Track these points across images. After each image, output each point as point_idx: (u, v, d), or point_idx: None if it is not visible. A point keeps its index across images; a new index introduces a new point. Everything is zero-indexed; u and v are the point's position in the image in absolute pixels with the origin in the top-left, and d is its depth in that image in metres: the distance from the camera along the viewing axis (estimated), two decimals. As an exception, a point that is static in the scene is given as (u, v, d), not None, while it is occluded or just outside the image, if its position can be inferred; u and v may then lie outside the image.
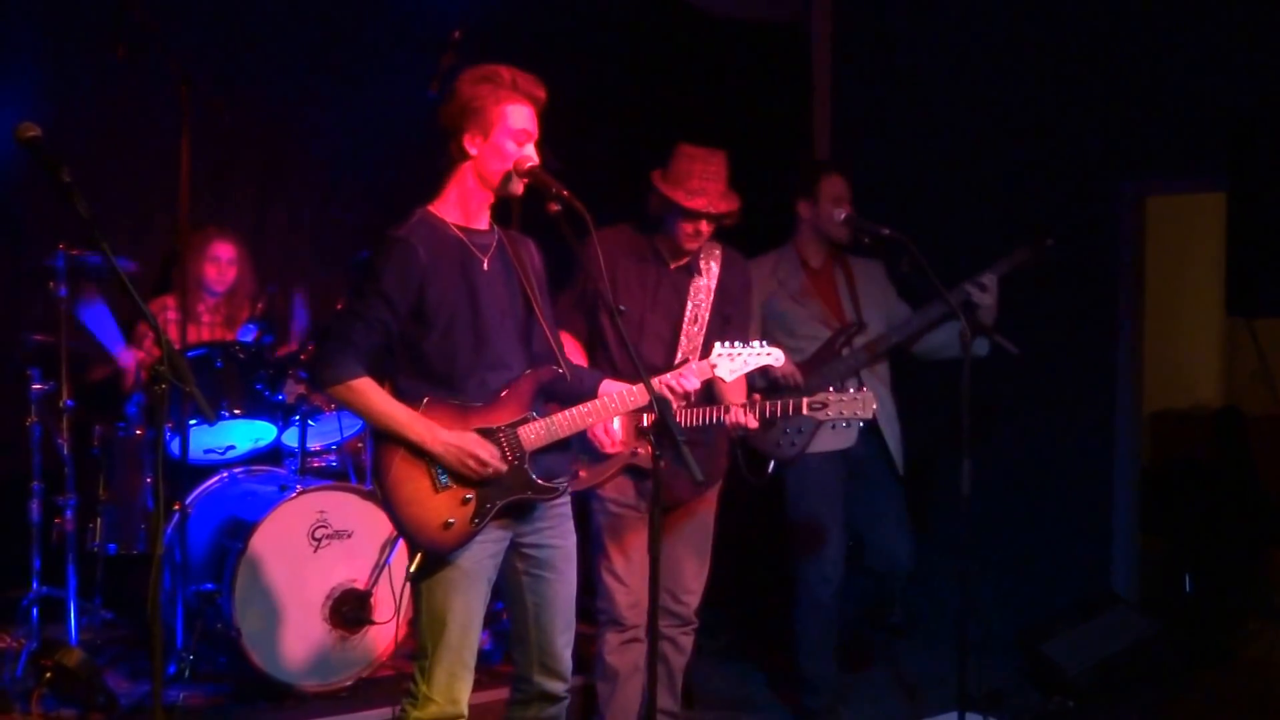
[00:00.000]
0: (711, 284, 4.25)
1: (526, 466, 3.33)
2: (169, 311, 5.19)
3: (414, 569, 3.29)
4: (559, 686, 3.48)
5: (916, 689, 5.25)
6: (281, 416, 5.00)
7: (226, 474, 4.97)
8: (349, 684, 4.66)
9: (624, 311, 4.08)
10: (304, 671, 4.60)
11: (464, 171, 3.34)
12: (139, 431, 4.89)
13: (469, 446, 3.25)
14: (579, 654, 3.65)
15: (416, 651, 3.35)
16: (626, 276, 4.21)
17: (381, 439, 3.28)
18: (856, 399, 3.94)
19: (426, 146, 3.50)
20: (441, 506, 3.24)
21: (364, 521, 4.72)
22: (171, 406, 4.48)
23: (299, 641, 4.59)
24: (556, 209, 3.25)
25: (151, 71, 4.79)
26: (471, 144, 3.30)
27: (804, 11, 6.86)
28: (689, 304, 4.23)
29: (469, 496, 3.26)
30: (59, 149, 2.78)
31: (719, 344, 3.71)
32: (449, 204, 3.36)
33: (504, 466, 3.30)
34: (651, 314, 4.21)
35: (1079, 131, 5.95)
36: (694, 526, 4.33)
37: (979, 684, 4.85)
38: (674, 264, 4.24)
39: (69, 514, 4.64)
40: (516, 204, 3.68)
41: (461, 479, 3.26)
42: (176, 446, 4.63)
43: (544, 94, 3.34)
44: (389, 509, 3.30)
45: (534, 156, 3.32)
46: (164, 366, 2.76)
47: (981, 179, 6.19)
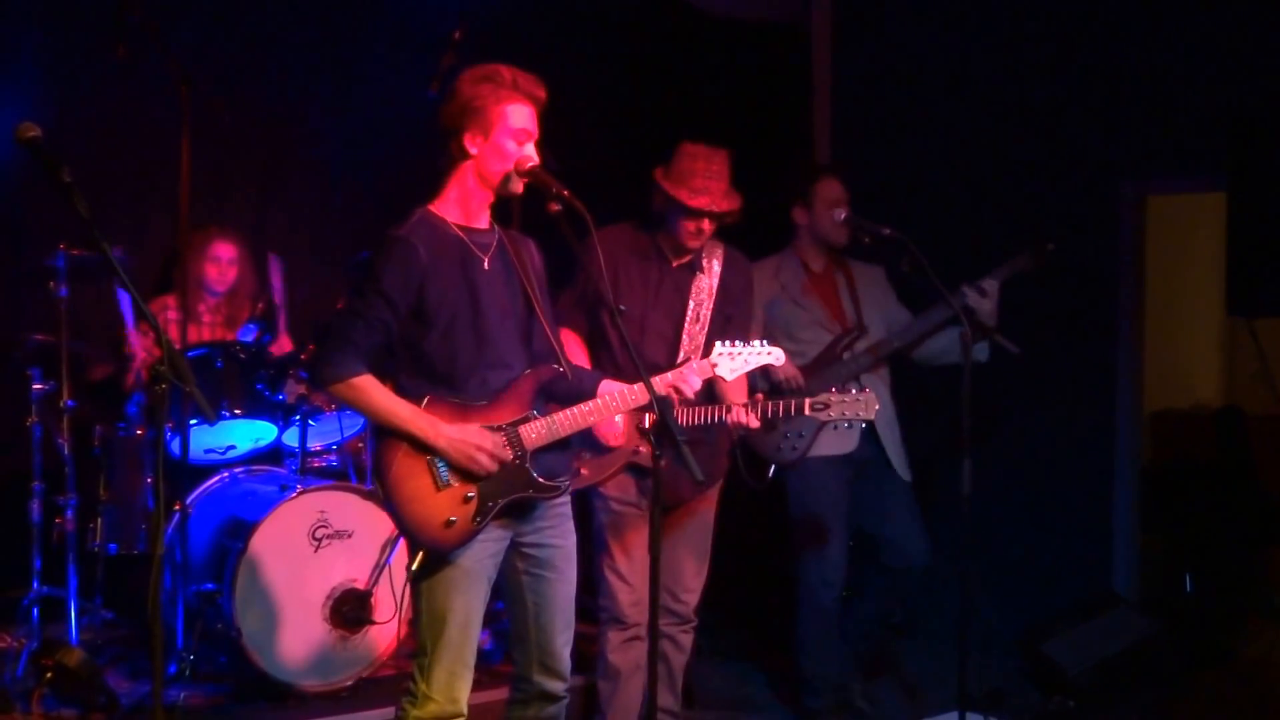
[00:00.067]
0: (713, 283, 4.25)
1: (528, 465, 3.33)
2: (170, 311, 5.19)
3: (415, 568, 3.29)
4: (558, 686, 3.48)
5: (917, 689, 5.25)
6: (282, 416, 5.00)
7: (227, 474, 4.97)
8: (349, 684, 4.66)
9: (624, 311, 4.08)
10: (304, 671, 4.60)
11: (464, 171, 3.34)
12: (139, 431, 4.89)
13: (473, 439, 3.25)
14: (579, 653, 3.66)
15: (416, 650, 3.35)
16: (628, 275, 4.21)
17: (383, 437, 3.28)
18: (859, 400, 3.94)
19: (427, 146, 3.50)
20: (443, 505, 3.24)
21: (364, 521, 4.72)
22: (172, 406, 4.48)
23: (299, 641, 4.59)
24: (557, 208, 3.25)
25: (152, 72, 4.79)
26: (472, 143, 3.30)
27: (804, 11, 6.86)
28: (691, 302, 4.23)
29: (471, 495, 3.26)
30: (59, 149, 2.78)
31: (719, 343, 3.71)
32: (449, 203, 3.37)
33: (509, 455, 3.30)
34: (654, 312, 4.21)
35: (1079, 131, 5.95)
36: (694, 526, 4.33)
37: (979, 684, 4.86)
38: (676, 262, 4.24)
39: (69, 514, 4.65)
40: (517, 204, 3.68)
41: (464, 476, 3.27)
42: (177, 446, 4.62)
43: (544, 94, 3.35)
44: (390, 507, 3.30)
45: (534, 156, 3.32)
46: (164, 366, 2.76)
47: (981, 179, 6.19)
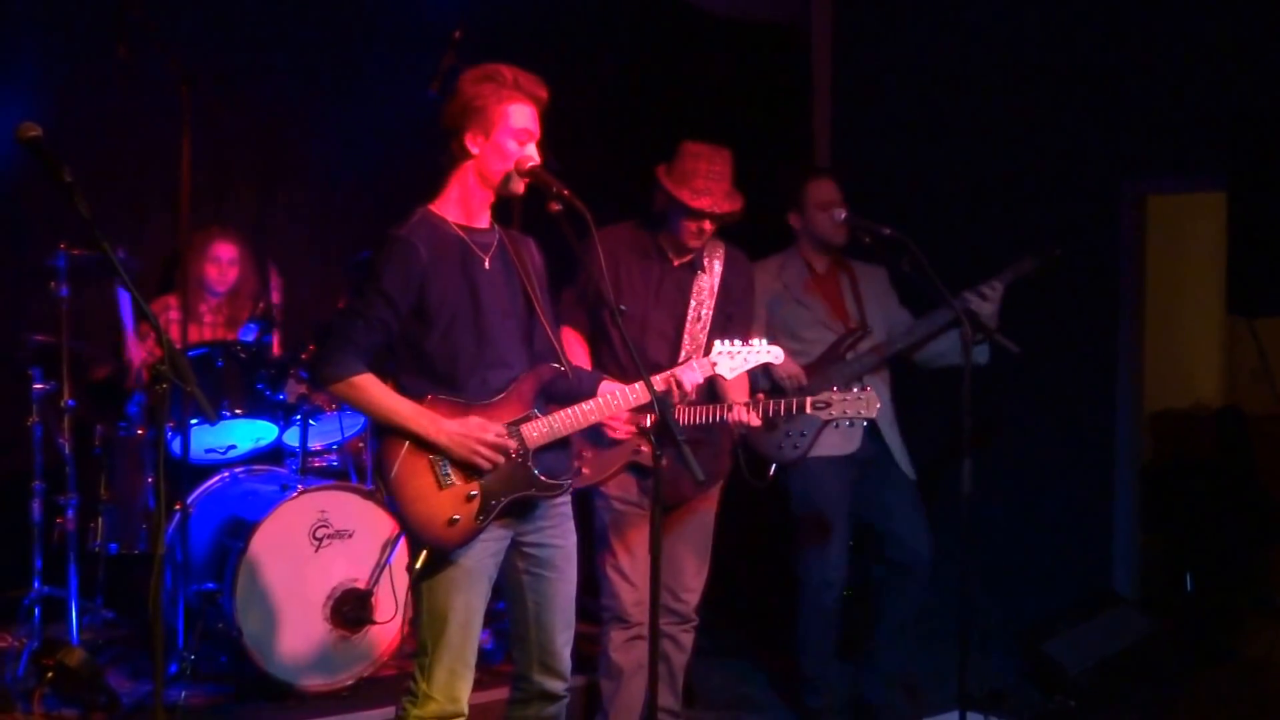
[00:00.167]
0: (714, 282, 4.25)
1: (530, 464, 3.34)
2: (171, 311, 5.20)
3: (416, 567, 3.29)
4: (559, 685, 3.48)
5: (917, 688, 5.25)
6: (283, 416, 5.01)
7: (228, 473, 4.97)
8: (350, 683, 4.66)
9: (624, 311, 4.08)
10: (305, 671, 4.60)
11: (465, 170, 3.34)
12: (140, 431, 4.89)
13: (474, 432, 3.25)
14: (580, 652, 3.66)
15: (417, 650, 3.35)
16: (630, 274, 4.21)
17: (385, 437, 3.28)
18: (860, 398, 3.93)
19: (427, 146, 3.51)
20: (446, 503, 3.24)
21: (365, 521, 4.72)
22: (173, 406, 4.48)
23: (300, 641, 4.59)
24: (557, 208, 3.25)
25: (152, 71, 4.79)
26: (473, 143, 3.30)
27: (804, 11, 6.86)
28: (692, 302, 4.23)
29: (473, 493, 3.26)
30: (60, 149, 2.78)
31: (718, 342, 3.71)
32: (450, 203, 3.37)
33: (512, 445, 3.30)
34: (655, 312, 4.21)
35: (1079, 131, 5.95)
36: (695, 525, 4.33)
37: (980, 683, 4.86)
38: (677, 261, 4.24)
39: (70, 513, 4.65)
40: (517, 203, 3.68)
41: (466, 474, 3.27)
42: (178, 446, 4.62)
43: (546, 94, 3.35)
44: (393, 507, 3.30)
45: (535, 156, 3.32)
46: (165, 366, 2.76)
47: (982, 179, 6.19)
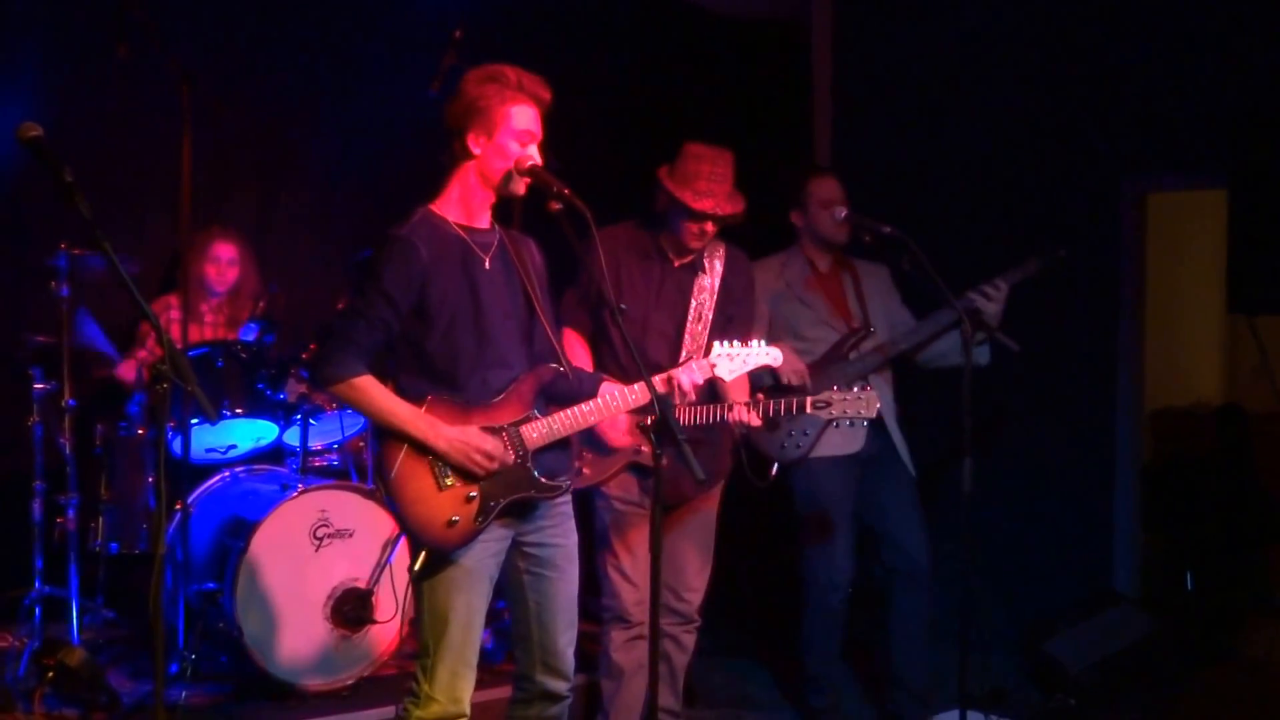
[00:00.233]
0: (715, 282, 4.25)
1: (529, 465, 3.34)
2: (172, 311, 5.20)
3: (417, 567, 3.30)
4: (561, 685, 3.49)
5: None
6: (283, 416, 5.01)
7: (228, 473, 4.97)
8: (351, 683, 4.66)
9: (625, 311, 4.08)
10: (306, 670, 4.60)
11: (466, 170, 3.34)
12: (141, 431, 4.89)
13: (472, 440, 3.25)
14: (581, 652, 3.65)
15: (418, 650, 3.35)
16: (630, 274, 4.21)
17: (385, 437, 3.28)
18: (860, 398, 3.93)
19: (427, 146, 3.50)
20: (445, 505, 3.24)
21: (365, 521, 4.72)
22: (173, 406, 4.48)
23: (301, 640, 4.60)
24: (558, 208, 3.25)
25: (153, 71, 4.79)
26: (475, 143, 3.30)
27: (804, 10, 6.86)
28: (693, 302, 4.23)
29: (473, 495, 3.26)
30: (60, 149, 2.77)
31: (718, 343, 3.70)
32: (450, 203, 3.37)
33: (510, 457, 3.30)
34: (656, 312, 4.21)
35: (1079, 129, 5.94)
36: (697, 525, 4.33)
37: (981, 682, 4.85)
38: (678, 261, 4.24)
39: (71, 513, 4.65)
40: (517, 203, 3.68)
41: (465, 476, 3.27)
42: (178, 446, 4.62)
43: (549, 95, 3.34)
44: (393, 508, 3.30)
45: (537, 157, 3.32)
46: (166, 366, 2.76)
47: (981, 177, 6.18)
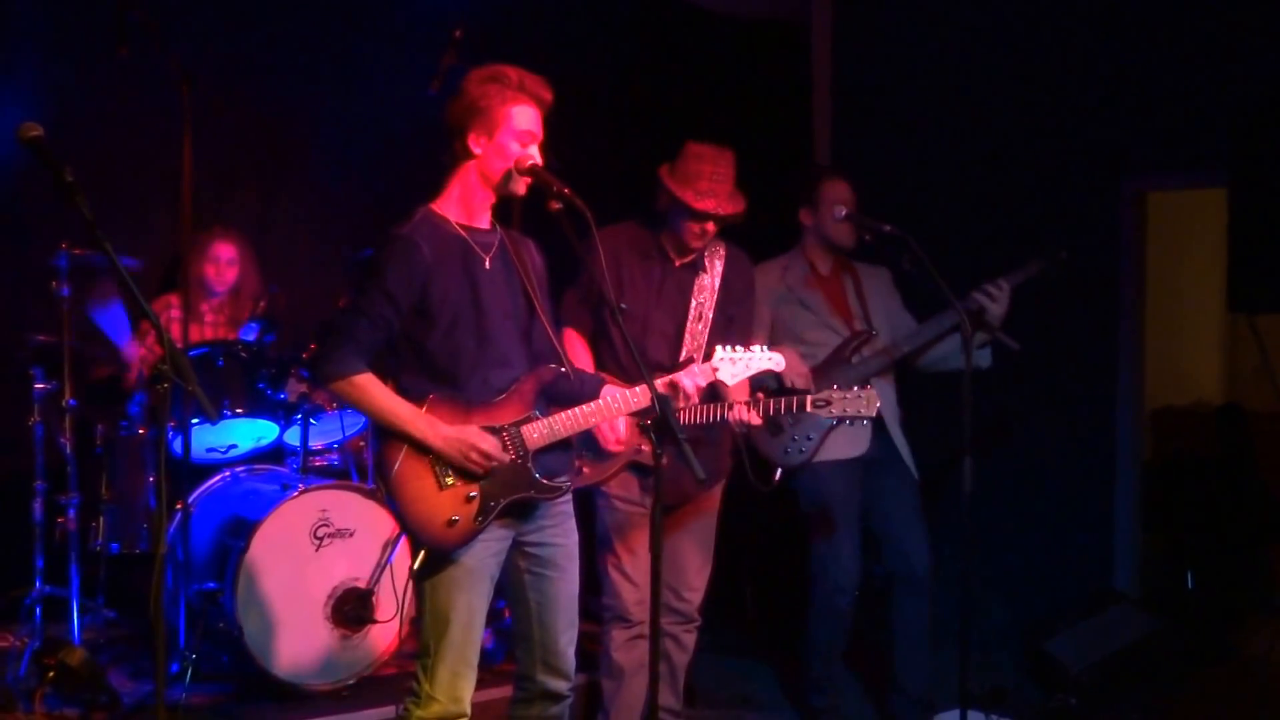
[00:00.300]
0: (715, 282, 4.25)
1: (529, 465, 3.34)
2: (172, 310, 5.20)
3: (417, 567, 3.30)
4: (562, 685, 3.49)
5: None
6: (284, 415, 5.00)
7: (229, 473, 4.97)
8: (351, 683, 4.66)
9: (625, 310, 4.08)
10: (306, 670, 4.60)
11: (467, 170, 3.34)
12: (141, 430, 4.89)
13: (470, 439, 3.25)
14: (582, 651, 3.65)
15: (419, 650, 3.35)
16: (630, 274, 4.21)
17: (385, 436, 3.28)
18: (860, 397, 3.93)
19: (427, 145, 3.50)
20: (445, 504, 3.25)
21: (366, 520, 4.72)
22: (174, 405, 4.47)
23: (301, 640, 4.59)
24: (558, 207, 3.25)
25: (153, 71, 4.78)
26: (476, 143, 3.30)
27: (804, 9, 6.86)
28: (693, 301, 4.23)
29: (473, 494, 3.26)
30: (61, 149, 2.77)
31: (720, 347, 3.70)
32: (451, 202, 3.37)
33: (507, 458, 3.30)
34: (656, 311, 4.21)
35: (1079, 128, 5.94)
36: (698, 524, 4.33)
37: (981, 681, 4.85)
38: (679, 261, 4.25)
39: (72, 513, 4.65)
40: (517, 203, 3.68)
41: (465, 475, 3.27)
42: (179, 445, 4.62)
43: (550, 95, 3.34)
44: (394, 507, 3.30)
45: (537, 156, 3.32)
46: (166, 365, 2.76)
47: (981, 177, 6.18)
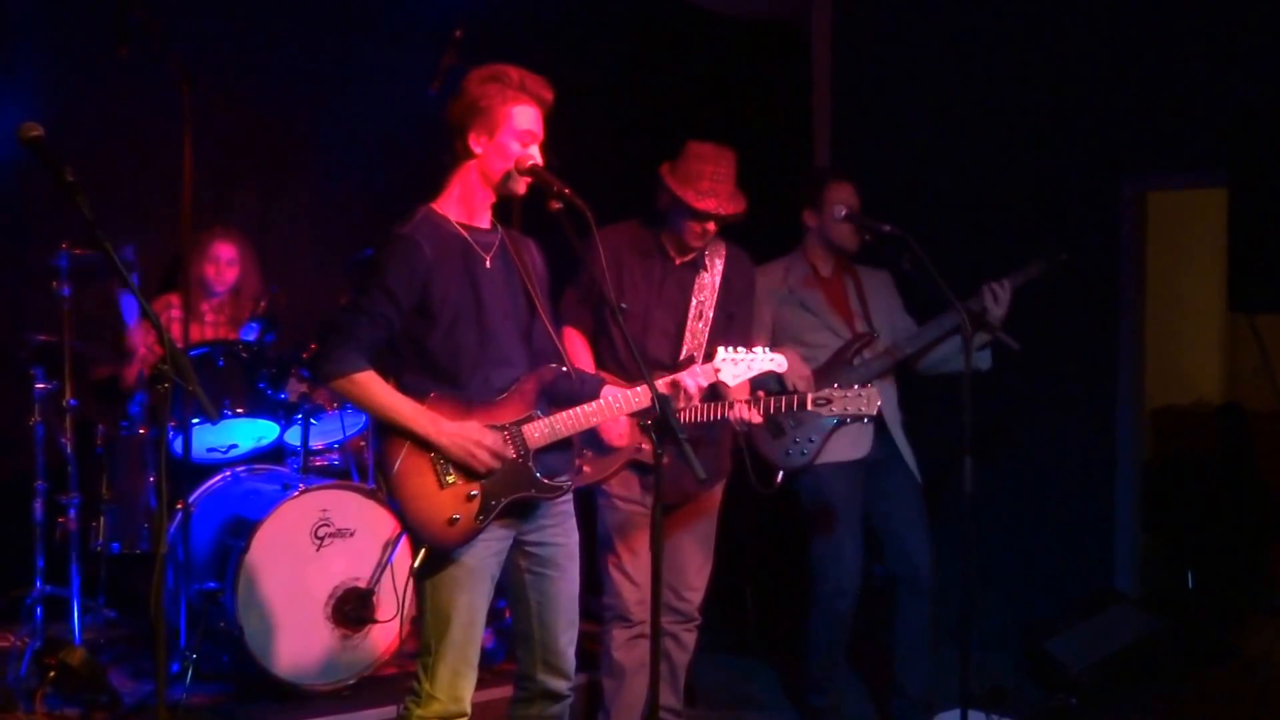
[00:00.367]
0: (716, 280, 4.26)
1: (530, 465, 3.34)
2: (173, 310, 5.20)
3: (418, 566, 3.30)
4: (562, 684, 3.49)
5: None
6: (284, 415, 5.00)
7: (229, 473, 4.97)
8: (352, 683, 4.66)
9: (625, 309, 4.08)
10: (307, 670, 4.60)
11: (467, 170, 3.34)
12: (142, 430, 4.89)
13: (474, 436, 3.25)
14: (582, 651, 3.65)
15: (420, 649, 3.35)
16: (631, 273, 4.21)
17: (386, 434, 3.28)
18: (861, 395, 3.93)
19: (427, 145, 3.50)
20: (446, 503, 3.25)
21: (366, 520, 4.72)
22: (174, 405, 4.48)
23: (302, 640, 4.59)
24: (558, 207, 3.26)
25: (153, 71, 4.79)
26: (476, 143, 3.30)
27: (804, 10, 6.86)
28: (694, 300, 4.23)
29: (474, 493, 3.26)
30: (61, 149, 2.77)
31: (722, 349, 3.70)
32: (451, 202, 3.37)
33: (510, 453, 3.30)
34: (657, 310, 4.22)
35: (1079, 128, 5.94)
36: (698, 524, 4.33)
37: (982, 681, 4.85)
38: (679, 260, 4.25)
39: (72, 513, 4.65)
40: (517, 203, 3.68)
41: (466, 474, 3.27)
42: (179, 445, 4.63)
43: (551, 95, 3.34)
44: (394, 505, 3.30)
45: (537, 156, 3.32)
46: (167, 365, 2.76)
47: (981, 177, 6.18)
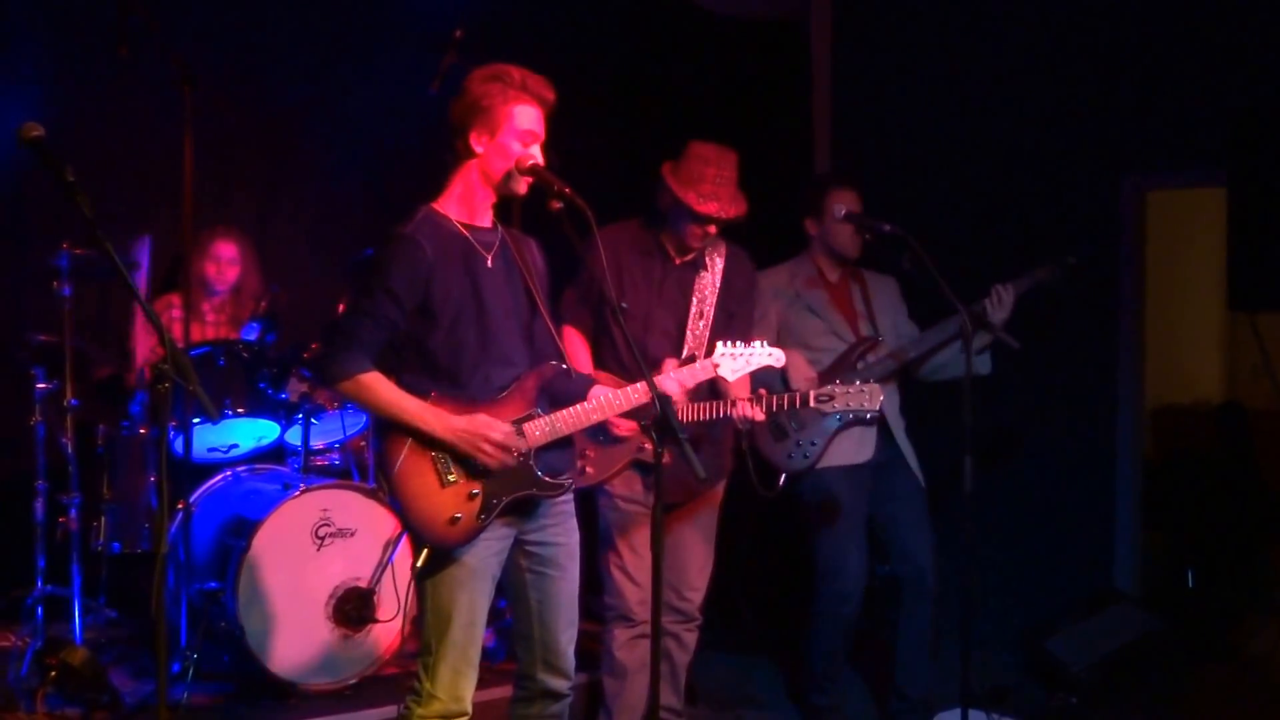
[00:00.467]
0: (716, 280, 4.26)
1: (532, 463, 3.34)
2: (173, 310, 5.20)
3: (419, 565, 3.30)
4: (562, 684, 3.49)
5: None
6: (285, 415, 5.00)
7: (230, 472, 4.97)
8: (353, 682, 4.66)
9: (625, 309, 4.09)
10: (308, 670, 4.60)
11: (468, 169, 3.34)
12: (143, 430, 4.89)
13: (481, 430, 3.25)
14: (583, 650, 3.66)
15: (421, 648, 3.35)
16: (632, 273, 4.21)
17: (387, 435, 3.28)
18: (863, 391, 3.93)
19: (428, 145, 3.51)
20: (448, 502, 3.25)
21: (367, 520, 4.72)
22: (175, 405, 4.48)
23: (303, 640, 4.60)
24: (559, 206, 3.26)
25: (154, 71, 4.79)
26: (478, 142, 3.30)
27: (804, 9, 6.86)
28: (694, 299, 4.23)
29: (475, 492, 3.27)
30: (62, 149, 2.78)
31: (721, 343, 3.71)
32: (452, 201, 3.37)
33: (520, 443, 3.30)
34: (657, 310, 4.22)
35: (1079, 127, 5.95)
36: (699, 524, 4.34)
37: (982, 680, 4.85)
38: (679, 259, 4.25)
39: (73, 513, 4.64)
40: (518, 203, 3.69)
41: (469, 473, 3.27)
42: (180, 445, 4.63)
43: (553, 96, 3.35)
44: (395, 505, 3.30)
45: (538, 156, 3.32)
46: (168, 365, 2.76)
47: (982, 176, 6.18)
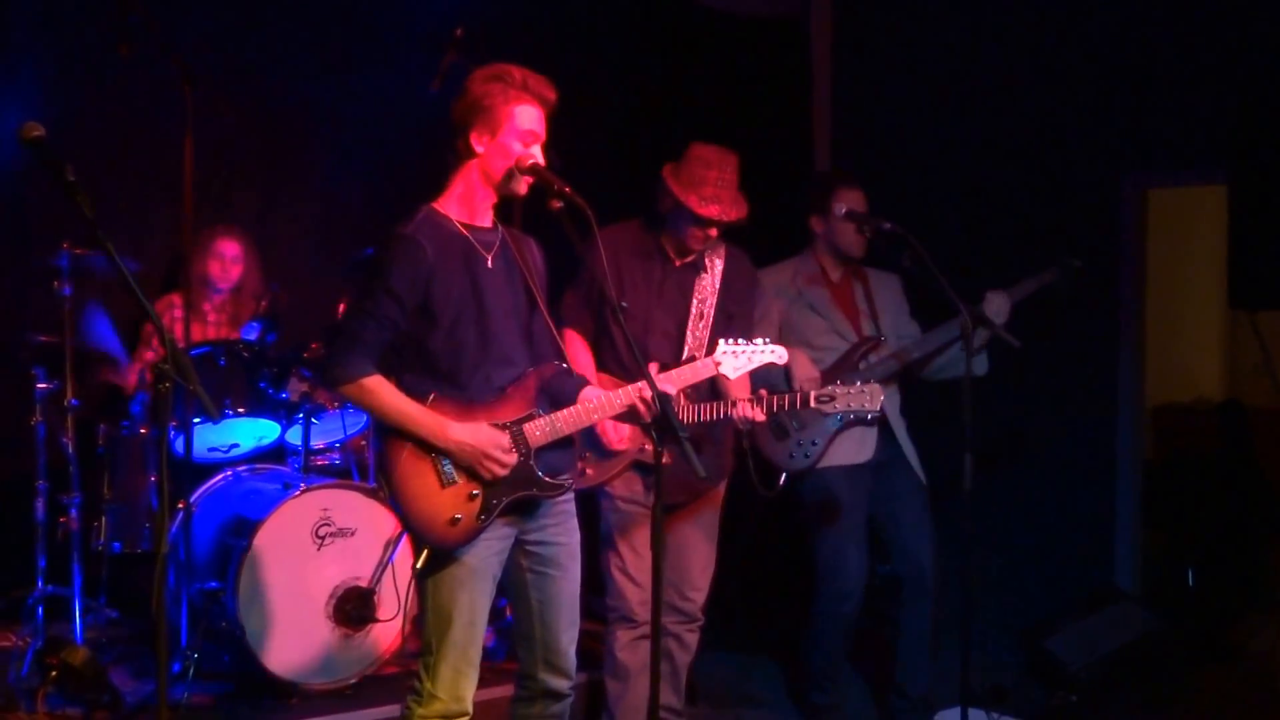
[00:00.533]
0: (715, 281, 4.26)
1: (532, 463, 3.34)
2: (174, 310, 5.20)
3: (420, 565, 3.30)
4: (563, 684, 3.49)
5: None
6: (285, 414, 5.00)
7: (230, 472, 4.97)
8: (353, 682, 4.66)
9: (625, 309, 4.09)
10: (308, 670, 4.60)
11: (469, 169, 3.34)
12: (143, 430, 4.89)
13: (483, 445, 3.25)
14: (584, 651, 3.66)
15: (421, 648, 3.35)
16: (632, 274, 4.21)
17: (387, 435, 3.28)
18: (864, 391, 3.94)
19: (428, 144, 3.50)
20: (448, 502, 3.25)
21: (367, 519, 4.72)
22: (175, 405, 4.48)
23: (303, 640, 4.60)
24: (559, 207, 3.26)
25: (154, 70, 4.79)
26: (478, 142, 3.30)
27: (804, 8, 6.86)
28: (694, 301, 4.23)
29: (475, 492, 3.27)
30: (62, 148, 2.77)
31: (723, 341, 3.71)
32: (453, 201, 3.37)
33: (515, 457, 3.30)
34: (657, 311, 4.22)
35: (1080, 126, 5.95)
36: (701, 524, 4.34)
37: (982, 679, 4.85)
38: (679, 261, 4.25)
39: (74, 513, 4.65)
40: (518, 203, 3.69)
41: (469, 474, 3.27)
42: (180, 445, 4.63)
43: (554, 95, 3.34)
44: (395, 505, 3.30)
45: (539, 156, 3.32)
46: (168, 365, 2.76)
47: (982, 175, 6.19)
